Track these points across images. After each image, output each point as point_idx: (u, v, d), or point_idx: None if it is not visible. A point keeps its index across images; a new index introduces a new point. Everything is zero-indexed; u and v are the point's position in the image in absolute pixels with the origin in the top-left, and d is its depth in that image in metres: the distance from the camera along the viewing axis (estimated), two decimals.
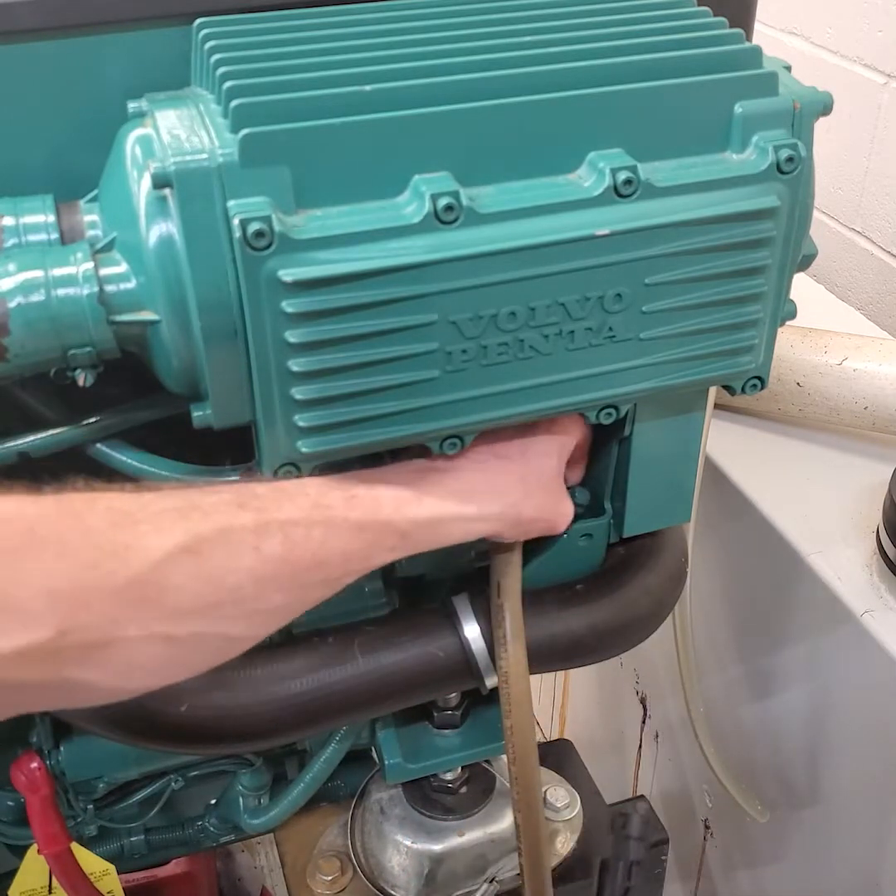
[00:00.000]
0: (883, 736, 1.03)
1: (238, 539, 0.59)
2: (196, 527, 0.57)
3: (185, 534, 0.56)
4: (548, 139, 0.63)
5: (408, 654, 0.79)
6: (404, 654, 0.78)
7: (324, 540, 0.63)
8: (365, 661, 0.78)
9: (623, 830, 0.60)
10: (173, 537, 0.56)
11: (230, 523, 0.59)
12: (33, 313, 0.61)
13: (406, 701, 0.83)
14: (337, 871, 1.09)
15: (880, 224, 1.71)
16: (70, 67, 0.68)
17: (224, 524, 0.59)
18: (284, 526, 0.61)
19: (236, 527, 0.59)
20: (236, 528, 0.59)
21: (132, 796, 1.05)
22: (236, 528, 0.59)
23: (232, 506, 0.60)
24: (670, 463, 0.83)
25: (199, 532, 0.57)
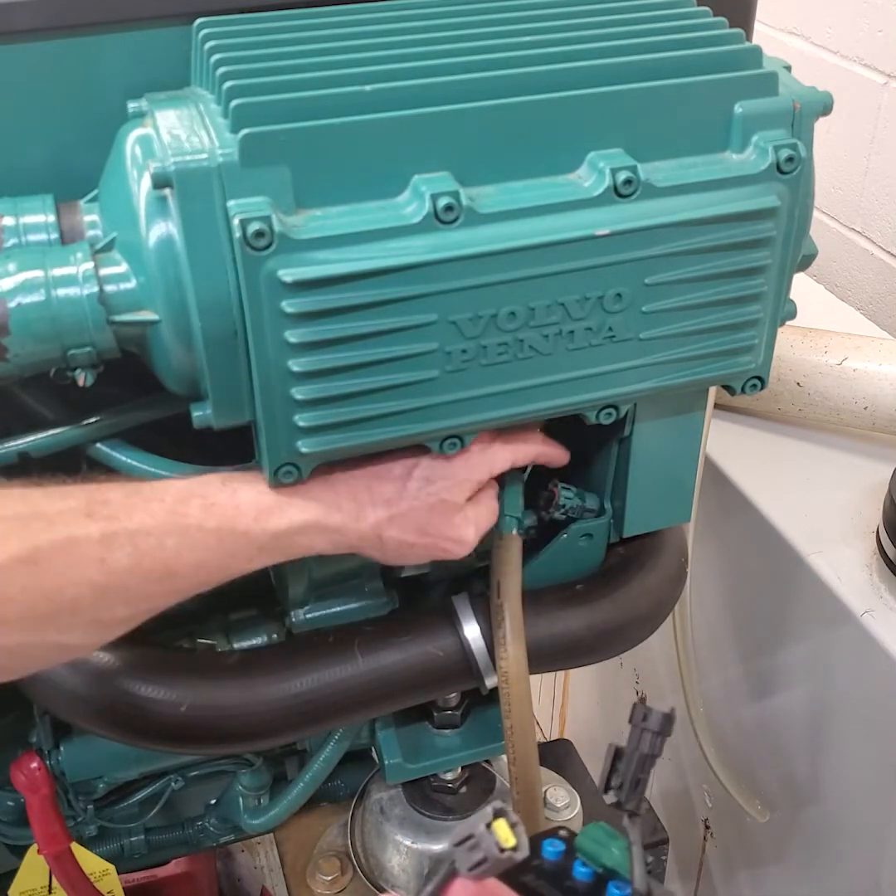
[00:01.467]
0: (883, 736, 1.02)
1: (81, 551, 0.57)
2: (36, 537, 0.55)
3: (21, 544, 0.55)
4: (548, 139, 0.63)
5: (408, 654, 0.79)
6: (404, 654, 0.78)
7: (177, 550, 0.61)
8: (365, 660, 0.78)
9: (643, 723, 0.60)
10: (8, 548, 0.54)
11: (74, 534, 0.57)
12: (33, 313, 0.61)
13: (406, 701, 0.83)
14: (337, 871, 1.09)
15: (880, 224, 1.71)
16: (70, 67, 0.68)
17: (67, 535, 0.57)
18: (134, 536, 0.59)
19: (80, 538, 0.57)
20: (80, 540, 0.57)
21: (132, 796, 1.05)
22: (80, 539, 0.57)
23: (79, 515, 0.58)
24: (670, 463, 0.84)
25: (37, 543, 0.55)
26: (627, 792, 0.58)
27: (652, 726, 0.59)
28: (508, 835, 0.48)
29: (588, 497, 0.85)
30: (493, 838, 0.48)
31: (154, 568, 0.60)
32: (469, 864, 0.49)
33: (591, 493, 0.86)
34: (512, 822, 0.49)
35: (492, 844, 0.48)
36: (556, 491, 0.84)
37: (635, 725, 0.60)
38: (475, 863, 0.49)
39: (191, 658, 0.84)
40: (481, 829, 0.49)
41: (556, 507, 0.83)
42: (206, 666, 0.80)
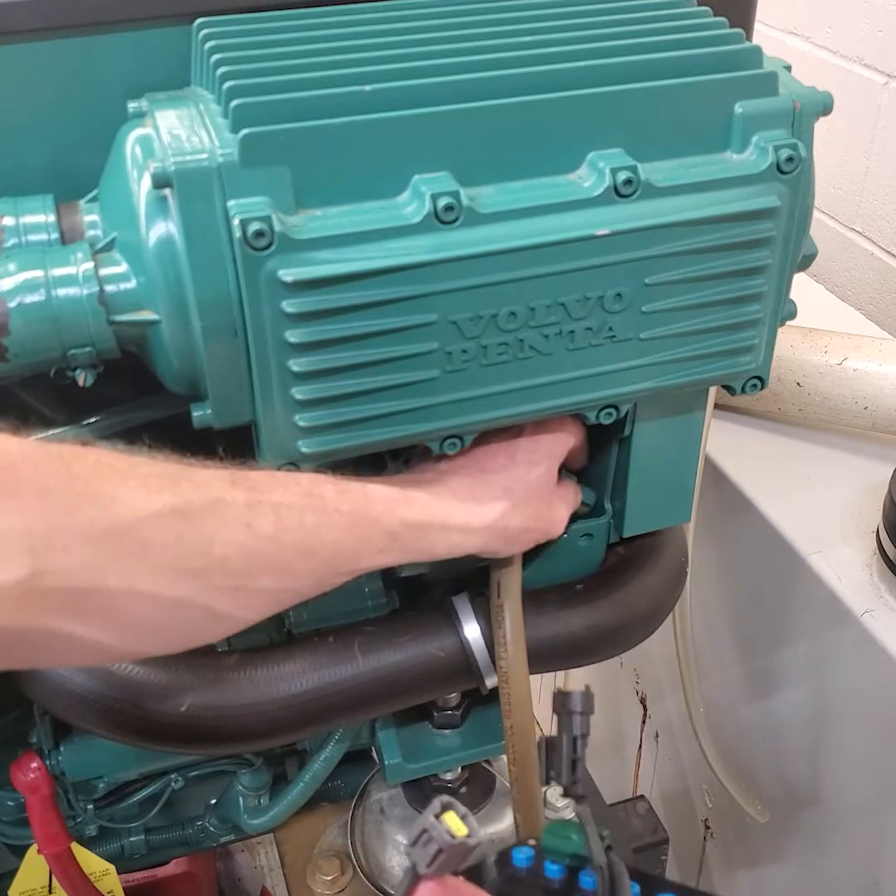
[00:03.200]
0: (883, 736, 1.02)
1: (229, 512, 0.58)
2: (187, 492, 0.56)
3: (174, 497, 0.55)
4: (548, 139, 0.63)
5: (408, 654, 0.79)
6: (404, 654, 0.78)
7: (317, 527, 0.62)
8: (365, 661, 0.78)
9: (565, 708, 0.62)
10: (162, 498, 0.54)
11: (222, 496, 0.58)
12: (33, 313, 0.61)
13: (406, 701, 0.83)
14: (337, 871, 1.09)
15: (880, 224, 1.71)
16: (70, 67, 0.68)
17: (216, 496, 0.58)
18: (277, 507, 0.60)
19: (228, 500, 0.58)
20: (228, 502, 0.58)
21: (132, 796, 1.05)
22: (228, 501, 0.58)
23: (224, 481, 0.59)
24: (670, 463, 0.83)
25: (190, 498, 0.56)
26: (566, 775, 0.61)
27: (574, 707, 0.62)
28: (459, 825, 0.50)
29: (585, 492, 0.85)
30: (444, 827, 0.50)
31: (295, 541, 0.61)
32: (427, 859, 0.50)
33: (587, 488, 0.85)
34: (461, 813, 0.51)
35: (443, 832, 0.50)
36: None
37: (559, 712, 0.62)
38: (432, 856, 0.50)
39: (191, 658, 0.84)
40: (431, 821, 0.50)
41: None
42: (206, 666, 0.80)
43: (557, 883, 0.61)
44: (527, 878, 0.63)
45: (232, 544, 0.58)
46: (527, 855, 0.63)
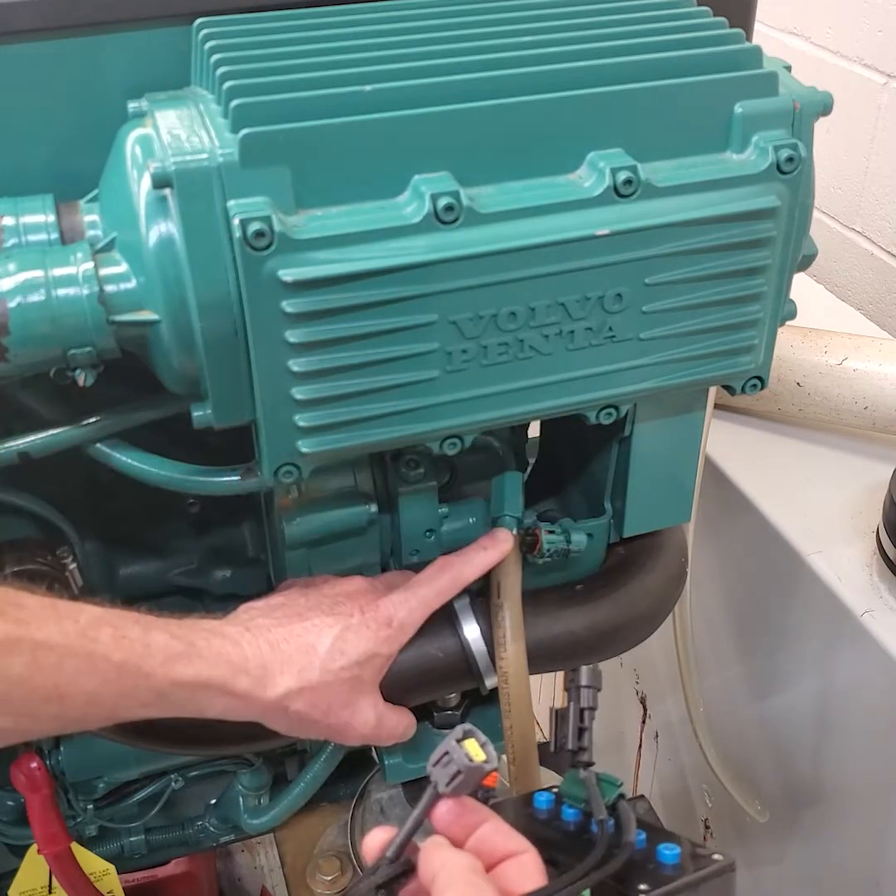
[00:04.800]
0: (883, 736, 1.02)
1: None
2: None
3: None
4: (548, 139, 0.63)
5: (407, 654, 0.78)
6: (404, 654, 0.78)
7: (74, 674, 0.59)
8: None
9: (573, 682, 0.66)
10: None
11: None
12: (33, 313, 0.61)
13: (406, 701, 0.83)
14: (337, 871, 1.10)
15: (880, 224, 1.70)
16: (70, 67, 0.67)
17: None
18: (36, 648, 0.58)
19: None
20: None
21: (132, 796, 1.05)
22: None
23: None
24: (670, 463, 0.83)
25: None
26: (573, 741, 0.66)
27: (582, 682, 0.67)
28: (478, 750, 0.55)
29: (574, 534, 0.83)
30: (464, 751, 0.54)
31: (46, 685, 0.58)
32: (446, 779, 0.55)
33: (577, 528, 0.84)
34: (481, 741, 0.55)
35: (462, 756, 0.54)
36: (540, 534, 0.82)
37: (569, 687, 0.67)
38: (451, 777, 0.54)
39: None
40: (453, 745, 0.55)
41: (539, 552, 0.82)
42: None
43: (573, 825, 0.66)
44: (545, 819, 0.67)
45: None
46: (547, 798, 0.68)
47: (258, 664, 0.68)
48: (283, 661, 0.69)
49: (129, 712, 0.64)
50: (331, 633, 0.71)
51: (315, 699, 0.70)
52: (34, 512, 0.85)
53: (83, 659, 0.60)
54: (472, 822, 0.55)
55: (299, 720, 0.71)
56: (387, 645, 0.74)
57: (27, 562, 0.82)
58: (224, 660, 0.67)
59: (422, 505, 0.83)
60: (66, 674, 0.59)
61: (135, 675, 0.62)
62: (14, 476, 0.80)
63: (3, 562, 0.82)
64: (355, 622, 0.73)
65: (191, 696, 0.65)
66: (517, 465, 0.89)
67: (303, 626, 0.71)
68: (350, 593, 0.76)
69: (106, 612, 0.63)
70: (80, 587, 0.87)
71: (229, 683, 0.66)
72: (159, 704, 0.64)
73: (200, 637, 0.67)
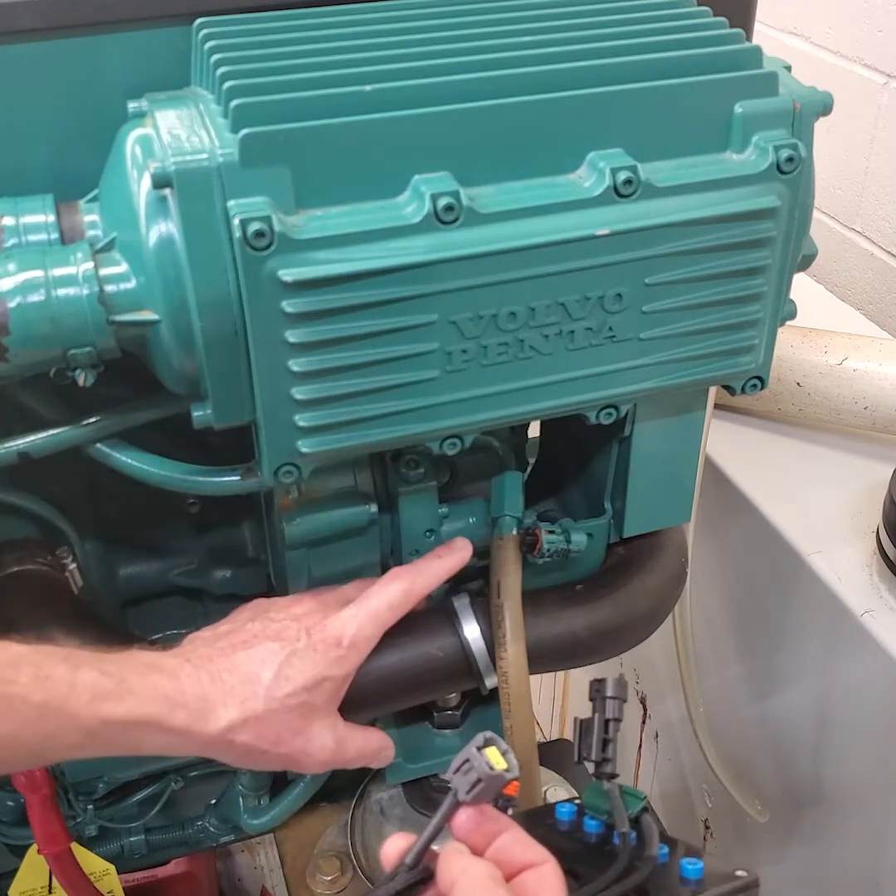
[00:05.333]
0: (883, 736, 1.02)
1: None
2: None
3: None
4: (548, 139, 0.63)
5: (408, 654, 0.79)
6: (404, 654, 0.78)
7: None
8: (365, 661, 0.78)
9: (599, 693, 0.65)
10: None
11: None
12: (33, 313, 0.61)
13: (406, 701, 0.83)
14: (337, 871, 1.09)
15: (880, 224, 1.70)
16: (70, 67, 0.67)
17: None
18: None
19: None
20: None
21: (132, 796, 1.05)
22: None
23: None
24: (670, 463, 0.83)
25: None
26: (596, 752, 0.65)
27: (608, 692, 0.66)
28: (499, 759, 0.54)
29: (574, 534, 0.83)
30: (485, 759, 0.54)
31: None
32: (466, 787, 0.54)
33: (577, 528, 0.84)
34: (502, 749, 0.55)
35: (483, 764, 0.54)
36: (540, 534, 0.82)
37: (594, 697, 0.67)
38: (471, 784, 0.54)
39: None
40: (474, 752, 0.55)
41: (539, 552, 0.82)
42: None
43: (595, 837, 0.66)
44: (567, 830, 0.67)
45: None
46: (569, 810, 0.68)
47: (197, 696, 0.66)
48: (225, 692, 0.67)
49: (56, 754, 0.63)
50: (275, 660, 0.69)
51: (261, 730, 0.68)
52: (34, 512, 0.85)
53: (0, 700, 0.58)
54: (492, 830, 0.55)
55: (246, 753, 0.69)
56: (338, 666, 0.72)
57: (27, 562, 0.83)
58: (160, 695, 0.64)
59: (422, 505, 0.83)
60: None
61: (57, 716, 0.60)
62: (14, 476, 0.80)
63: (3, 562, 0.82)
64: (301, 646, 0.70)
65: (124, 734, 0.63)
66: (517, 465, 0.89)
67: (246, 655, 0.69)
68: (298, 616, 0.73)
69: (30, 651, 0.61)
70: (79, 587, 0.87)
71: (165, 719, 0.64)
72: (89, 745, 0.62)
73: (135, 672, 0.65)
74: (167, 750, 0.66)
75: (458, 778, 0.55)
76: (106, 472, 0.75)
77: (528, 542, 0.82)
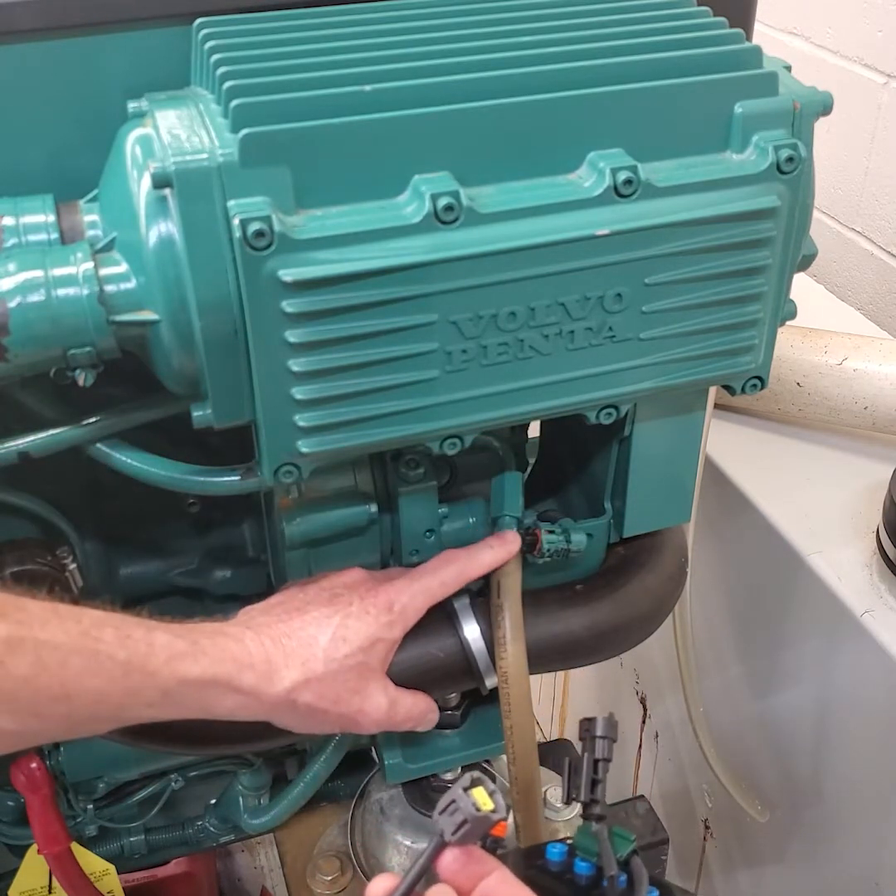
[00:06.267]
0: (883, 736, 1.02)
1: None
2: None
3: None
4: (548, 139, 0.63)
5: (408, 654, 0.79)
6: (404, 654, 0.78)
7: (80, 672, 0.59)
8: None
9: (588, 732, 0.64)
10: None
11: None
12: (33, 313, 0.61)
13: None
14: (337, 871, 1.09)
15: (880, 224, 1.70)
16: (70, 67, 0.68)
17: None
18: (41, 647, 0.57)
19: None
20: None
21: (132, 796, 1.05)
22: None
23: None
24: (670, 463, 0.83)
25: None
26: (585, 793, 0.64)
27: (598, 732, 0.65)
28: (486, 799, 0.54)
29: (574, 534, 0.83)
30: (471, 800, 0.53)
31: (51, 684, 0.58)
32: (452, 828, 0.54)
33: (577, 528, 0.84)
34: (490, 790, 0.54)
35: (469, 805, 0.53)
36: (540, 534, 0.82)
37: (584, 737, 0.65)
38: (457, 826, 0.54)
39: None
40: (460, 793, 0.54)
41: (539, 552, 0.82)
42: None
43: (585, 879, 0.65)
44: (557, 871, 0.66)
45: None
46: (560, 850, 0.67)
47: (262, 659, 0.68)
48: (287, 654, 0.69)
49: (136, 712, 0.64)
50: (331, 622, 0.72)
51: (322, 689, 0.70)
52: (34, 512, 0.86)
53: (88, 657, 0.60)
54: (479, 872, 0.55)
55: (310, 713, 0.71)
56: (389, 629, 0.74)
57: (27, 562, 0.83)
58: (229, 656, 0.67)
59: (422, 505, 0.83)
60: (71, 672, 0.59)
61: (140, 674, 0.62)
62: (14, 476, 0.80)
63: (3, 562, 0.82)
64: (355, 609, 0.73)
65: (197, 694, 0.65)
66: (517, 465, 0.89)
67: (302, 620, 0.72)
68: (348, 584, 0.76)
69: (107, 615, 0.63)
70: (80, 587, 0.87)
71: (235, 679, 0.66)
72: (165, 704, 0.64)
73: (203, 636, 0.67)
74: (236, 712, 0.67)
75: (444, 818, 0.54)
76: (106, 472, 0.75)
77: (528, 542, 0.82)
